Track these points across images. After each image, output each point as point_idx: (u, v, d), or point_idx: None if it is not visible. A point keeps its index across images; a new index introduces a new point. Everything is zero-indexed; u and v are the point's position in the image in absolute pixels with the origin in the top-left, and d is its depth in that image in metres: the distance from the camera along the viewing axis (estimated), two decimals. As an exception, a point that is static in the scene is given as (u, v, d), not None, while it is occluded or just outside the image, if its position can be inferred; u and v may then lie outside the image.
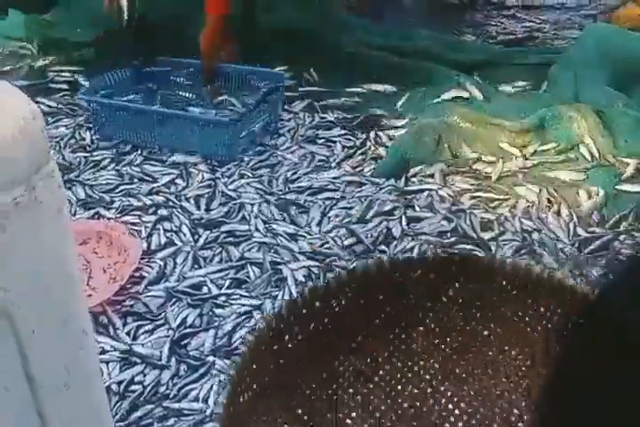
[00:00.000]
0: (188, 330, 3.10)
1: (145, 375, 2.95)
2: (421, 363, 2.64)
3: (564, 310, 2.39)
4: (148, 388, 2.88)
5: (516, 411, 2.46)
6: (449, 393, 2.65)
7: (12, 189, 0.96)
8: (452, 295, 2.58)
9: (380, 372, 2.61)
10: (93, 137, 4.35)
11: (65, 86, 4.81)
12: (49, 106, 4.57)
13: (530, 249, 3.44)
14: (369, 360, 2.58)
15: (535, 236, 3.53)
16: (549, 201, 3.73)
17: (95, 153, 4.22)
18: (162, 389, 2.89)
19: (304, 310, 2.41)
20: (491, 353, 2.63)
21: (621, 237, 3.50)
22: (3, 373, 1.05)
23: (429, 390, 2.65)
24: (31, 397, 1.09)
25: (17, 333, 1.02)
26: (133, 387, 2.91)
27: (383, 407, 2.61)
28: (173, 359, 2.98)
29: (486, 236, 3.53)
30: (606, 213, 3.65)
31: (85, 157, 4.19)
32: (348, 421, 2.53)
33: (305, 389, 2.50)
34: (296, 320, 2.38)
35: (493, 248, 3.45)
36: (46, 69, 4.96)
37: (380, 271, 2.46)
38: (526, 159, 3.98)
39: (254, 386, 2.24)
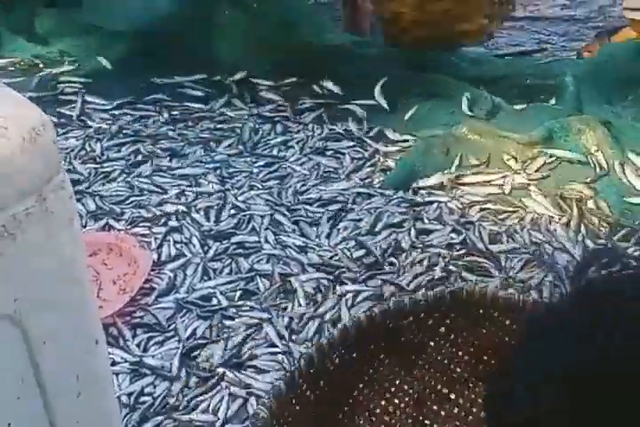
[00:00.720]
0: (198, 342, 3.11)
1: (155, 387, 2.95)
2: (419, 406, 2.63)
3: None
4: (159, 399, 2.88)
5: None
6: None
7: (23, 199, 0.97)
8: (445, 333, 2.57)
9: (381, 425, 2.60)
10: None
11: (74, 98, 4.83)
12: (59, 117, 4.58)
13: (539, 261, 3.44)
14: (367, 414, 2.59)
15: (544, 248, 3.52)
16: (558, 213, 3.72)
17: (105, 164, 4.23)
18: (172, 400, 2.88)
19: (300, 380, 2.45)
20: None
21: (630, 250, 3.50)
22: (15, 382, 1.05)
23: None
24: (43, 406, 1.09)
25: (28, 342, 1.03)
26: (143, 398, 2.91)
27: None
28: (183, 371, 2.98)
29: (495, 248, 3.53)
30: (615, 226, 3.64)
31: (95, 168, 4.20)
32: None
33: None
34: (295, 392, 2.41)
35: (502, 260, 3.45)
36: (56, 80, 4.98)
37: (371, 323, 2.48)
38: (535, 171, 3.98)
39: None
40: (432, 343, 2.47)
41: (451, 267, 3.40)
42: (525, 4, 6.66)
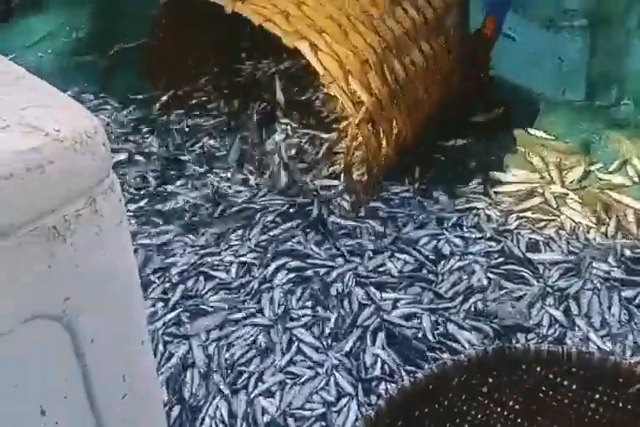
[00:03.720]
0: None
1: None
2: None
3: (617, 396, 2.35)
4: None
5: None
6: None
7: (74, 201, 0.99)
8: (487, 392, 2.53)
9: None
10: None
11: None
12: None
13: (577, 271, 3.42)
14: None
15: (582, 257, 3.50)
16: (596, 222, 3.70)
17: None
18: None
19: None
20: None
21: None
22: (61, 381, 1.06)
23: None
24: (89, 406, 1.10)
25: (76, 342, 1.04)
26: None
27: None
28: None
29: (533, 257, 3.51)
30: (654, 235, 3.63)
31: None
32: None
33: None
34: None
35: (541, 269, 3.43)
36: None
37: (415, 388, 2.46)
38: (573, 180, 3.95)
39: None
40: (475, 404, 2.44)
41: (489, 275, 3.39)
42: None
